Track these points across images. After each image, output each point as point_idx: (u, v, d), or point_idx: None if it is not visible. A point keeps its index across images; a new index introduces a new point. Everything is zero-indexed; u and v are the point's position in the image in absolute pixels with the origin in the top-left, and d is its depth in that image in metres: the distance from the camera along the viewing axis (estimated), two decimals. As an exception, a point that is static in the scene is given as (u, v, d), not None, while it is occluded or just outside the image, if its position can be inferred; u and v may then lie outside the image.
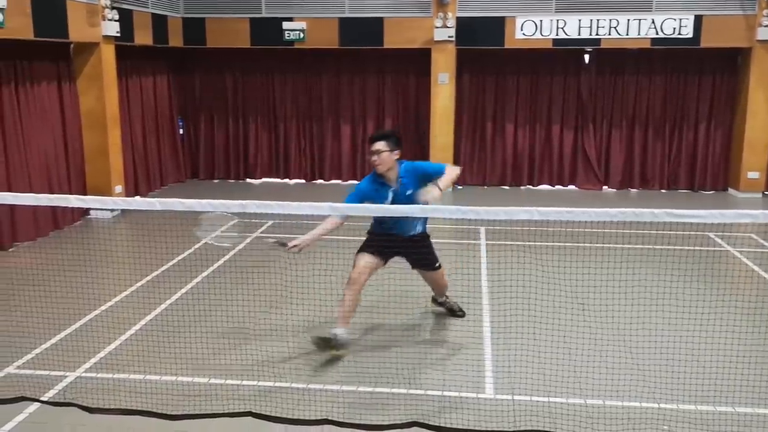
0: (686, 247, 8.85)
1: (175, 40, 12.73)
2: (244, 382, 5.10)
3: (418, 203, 5.15)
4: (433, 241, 6.07)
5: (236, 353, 5.55)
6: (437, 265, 6.01)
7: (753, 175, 12.56)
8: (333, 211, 3.49)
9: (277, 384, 5.07)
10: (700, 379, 5.00)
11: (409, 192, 5.47)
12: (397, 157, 5.56)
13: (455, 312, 6.51)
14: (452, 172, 5.58)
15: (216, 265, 8.06)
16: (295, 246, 5.42)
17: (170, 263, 8.07)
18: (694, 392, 4.88)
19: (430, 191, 5.25)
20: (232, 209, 3.66)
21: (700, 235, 9.29)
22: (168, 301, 6.84)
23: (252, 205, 3.55)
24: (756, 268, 8.09)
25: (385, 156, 5.48)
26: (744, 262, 8.38)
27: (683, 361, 5.33)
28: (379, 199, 5.53)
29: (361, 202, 5.56)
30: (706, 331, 6.01)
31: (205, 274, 7.76)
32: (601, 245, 8.35)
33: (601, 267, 7.90)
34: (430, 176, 5.50)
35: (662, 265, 8.13)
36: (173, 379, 5.15)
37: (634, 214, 3.28)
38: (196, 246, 8.80)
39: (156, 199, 3.68)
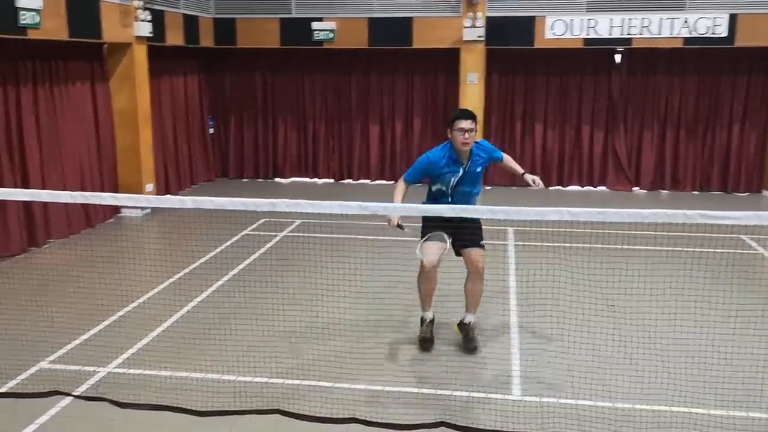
0: (718, 250, 8.71)
1: (206, 40, 12.87)
2: (272, 380, 5.14)
3: (479, 177, 5.74)
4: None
5: (264, 351, 5.59)
6: (482, 243, 5.92)
7: (788, 176, 12.32)
8: (362, 210, 3.50)
9: (305, 382, 5.10)
10: (732, 383, 4.91)
11: (478, 170, 5.69)
12: (470, 143, 5.62)
13: (469, 345, 5.78)
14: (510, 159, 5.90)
15: (245, 263, 8.13)
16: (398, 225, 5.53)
17: (200, 261, 8.16)
18: (725, 397, 4.80)
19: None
20: (263, 207, 3.68)
21: (733, 238, 9.13)
22: (197, 299, 6.92)
23: (282, 204, 3.58)
24: (791, 271, 7.93)
25: (473, 135, 5.61)
26: (778, 266, 8.22)
27: (714, 365, 5.24)
28: (449, 174, 5.65)
29: (425, 174, 5.75)
30: (737, 334, 5.91)
31: (234, 272, 7.83)
32: (631, 247, 8.25)
33: (632, 269, 7.82)
34: (495, 159, 5.86)
35: (693, 267, 7.99)
36: (202, 376, 5.20)
37: (666, 215, 3.23)
38: (225, 244, 8.89)
39: (188, 197, 3.72)
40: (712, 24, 11.87)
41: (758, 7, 11.81)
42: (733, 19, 11.82)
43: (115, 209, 10.67)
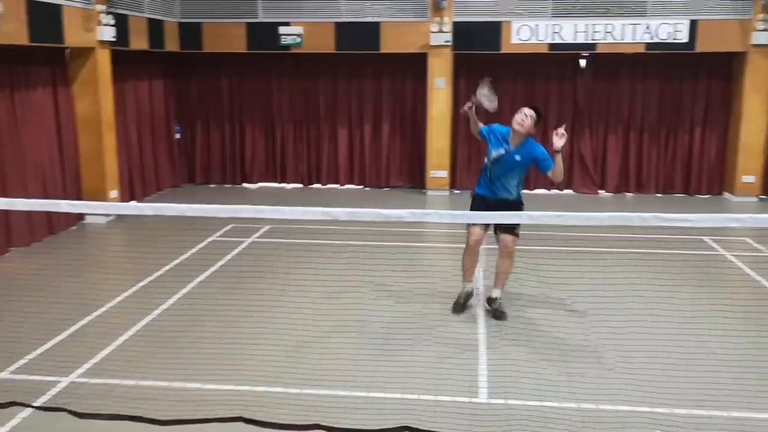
0: (681, 251, 8.87)
1: (171, 44, 12.75)
2: (237, 388, 5.09)
3: (517, 167, 6.26)
4: (429, 244, 6.08)
5: (230, 359, 5.54)
6: (517, 231, 6.31)
7: (748, 179, 12.57)
8: (325, 216, 3.49)
9: (271, 389, 5.06)
10: (694, 383, 4.99)
11: (516, 158, 6.25)
12: (532, 132, 6.26)
13: (500, 317, 6.51)
14: (559, 170, 6.13)
15: (212, 270, 8.05)
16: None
17: (165, 268, 8.06)
18: (687, 396, 4.88)
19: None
20: (224, 214, 3.65)
21: (695, 239, 9.31)
22: (162, 307, 6.83)
23: (244, 210, 3.55)
24: (750, 271, 8.09)
25: (529, 122, 6.23)
26: (738, 266, 8.38)
27: (677, 364, 5.33)
28: (495, 146, 6.36)
29: (489, 134, 6.47)
30: (699, 334, 6.03)
31: (200, 278, 7.75)
32: (597, 249, 8.36)
33: (596, 271, 7.92)
34: (538, 161, 6.24)
35: (657, 269, 8.16)
36: (166, 385, 5.14)
37: (623, 218, 3.28)
38: (192, 251, 8.80)
39: (147, 204, 3.67)
40: (673, 30, 12.10)
41: (717, 13, 12.06)
42: (693, 25, 12.06)
43: (79, 216, 10.49)
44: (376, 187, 13.89)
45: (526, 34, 12.40)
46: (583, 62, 13.12)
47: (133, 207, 3.82)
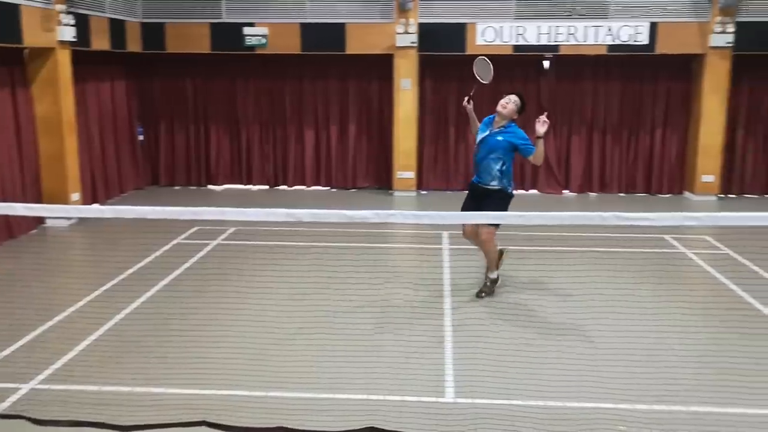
0: (643, 250, 9.02)
1: (134, 45, 12.57)
2: (202, 392, 5.04)
3: (498, 149, 6.66)
4: (396, 245, 6.10)
5: (194, 362, 5.48)
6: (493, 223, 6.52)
7: (707, 178, 12.85)
8: (289, 217, 3.48)
9: (236, 392, 5.02)
10: (655, 378, 5.09)
11: (498, 138, 6.70)
12: (514, 117, 6.75)
13: (479, 292, 7.05)
14: (540, 154, 6.54)
15: (176, 273, 7.95)
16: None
17: (129, 272, 7.94)
18: (648, 392, 4.97)
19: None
20: (185, 216, 3.62)
21: (656, 238, 9.48)
22: (125, 311, 6.73)
23: (205, 212, 3.52)
24: (709, 269, 8.27)
25: (512, 105, 6.75)
26: (698, 264, 8.56)
27: (638, 361, 5.43)
28: (481, 131, 6.92)
29: (479, 133, 6.97)
30: (660, 331, 6.14)
31: (164, 282, 7.65)
32: (560, 248, 8.46)
33: (560, 270, 8.03)
34: (519, 145, 6.63)
35: (619, 267, 8.30)
36: (129, 390, 5.07)
37: (584, 218, 3.33)
38: (156, 254, 8.69)
39: (107, 206, 3.62)
40: (633, 32, 12.31)
41: (676, 16, 12.31)
42: (653, 27, 12.29)
43: (39, 220, 10.29)
44: (342, 189, 13.87)
45: (491, 35, 12.51)
46: (546, 63, 13.27)
47: (93, 210, 3.76)
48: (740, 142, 13.26)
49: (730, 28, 12.09)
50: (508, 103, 6.76)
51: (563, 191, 13.71)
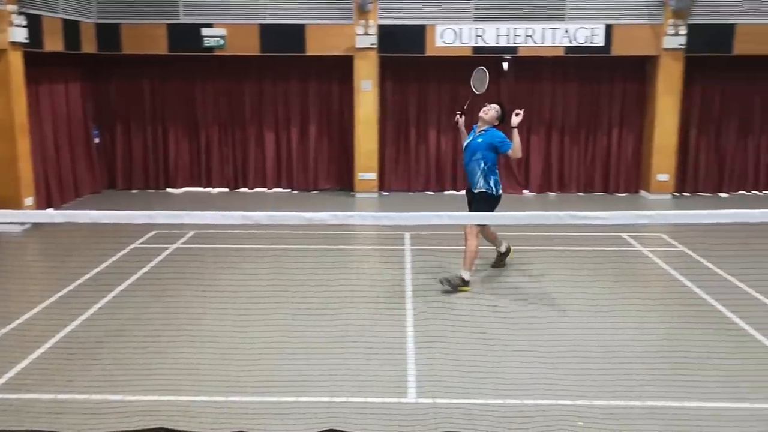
0: (600, 248, 9.18)
1: (89, 46, 12.33)
2: (161, 398, 4.97)
3: (479, 149, 7.36)
4: (358, 246, 6.08)
5: (152, 369, 5.40)
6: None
7: (662, 177, 13.13)
8: (246, 220, 3.45)
9: (196, 398, 4.96)
10: (611, 374, 5.18)
11: (479, 140, 7.44)
12: (494, 124, 7.51)
13: (445, 282, 7.32)
14: (517, 147, 7.26)
15: (133, 279, 7.82)
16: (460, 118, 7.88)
17: (85, 277, 7.79)
18: (605, 388, 5.05)
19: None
20: (139, 220, 3.56)
21: (614, 236, 9.65)
22: (82, 317, 6.59)
23: (160, 216, 3.48)
24: (665, 266, 8.45)
25: (491, 113, 7.50)
26: (654, 261, 8.74)
27: (596, 357, 5.51)
28: (470, 135, 7.64)
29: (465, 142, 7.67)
30: (617, 327, 6.26)
31: (122, 287, 7.52)
32: (520, 247, 8.55)
33: (519, 269, 8.13)
34: (497, 144, 7.33)
35: (577, 265, 8.43)
36: (85, 398, 4.97)
37: (541, 217, 3.38)
38: (113, 258, 8.54)
39: (57, 211, 3.54)
40: (590, 34, 12.52)
41: (631, 18, 12.56)
42: (609, 29, 12.52)
43: (-9, 225, 10.03)
44: (304, 191, 13.81)
45: (450, 37, 12.60)
46: (505, 65, 13.40)
47: (42, 215, 3.68)
48: (693, 142, 13.59)
49: (683, 31, 12.38)
50: (489, 110, 7.50)
51: (523, 191, 13.87)
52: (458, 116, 7.87)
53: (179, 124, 13.73)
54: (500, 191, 7.49)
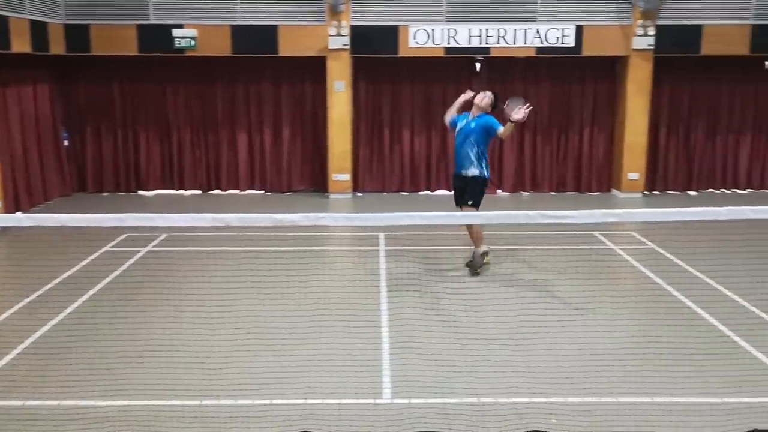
0: (573, 247, 9.27)
1: (57, 47, 12.14)
2: (131, 403, 4.91)
3: (473, 133, 7.88)
4: (332, 248, 6.07)
5: (124, 373, 5.34)
6: (471, 203, 7.87)
7: (633, 176, 13.30)
8: (216, 222, 3.42)
9: (168, 402, 4.91)
10: (585, 371, 5.23)
11: (472, 125, 7.91)
12: (488, 111, 7.98)
13: (471, 269, 7.96)
14: (507, 131, 7.75)
15: (104, 283, 7.72)
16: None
17: (55, 281, 7.67)
18: (578, 385, 5.10)
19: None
20: (108, 223, 3.51)
21: (586, 234, 9.75)
22: (51, 322, 6.49)
23: (131, 219, 3.43)
24: (636, 263, 8.56)
25: (486, 100, 8.00)
26: (625, 259, 8.85)
27: (569, 355, 5.56)
28: (459, 121, 8.13)
29: (457, 118, 8.23)
30: (589, 325, 6.32)
31: (93, 291, 7.42)
32: (493, 247, 8.59)
33: (492, 268, 8.17)
34: (489, 126, 7.83)
35: (549, 264, 8.50)
36: (56, 404, 4.89)
37: (511, 216, 3.40)
38: (84, 262, 8.43)
39: (25, 215, 3.49)
40: (561, 35, 12.64)
41: (601, 19, 12.71)
42: (579, 30, 12.64)
43: (-43, 230, 9.83)
44: (278, 192, 13.75)
45: (423, 38, 12.63)
46: (478, 66, 13.47)
47: (12, 218, 3.61)
48: (663, 141, 13.78)
49: (651, 31, 12.55)
50: (484, 97, 8.01)
51: (497, 191, 13.94)
52: (470, 94, 8.36)
53: (150, 126, 13.58)
54: (489, 174, 8.15)
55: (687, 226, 4.05)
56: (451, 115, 8.36)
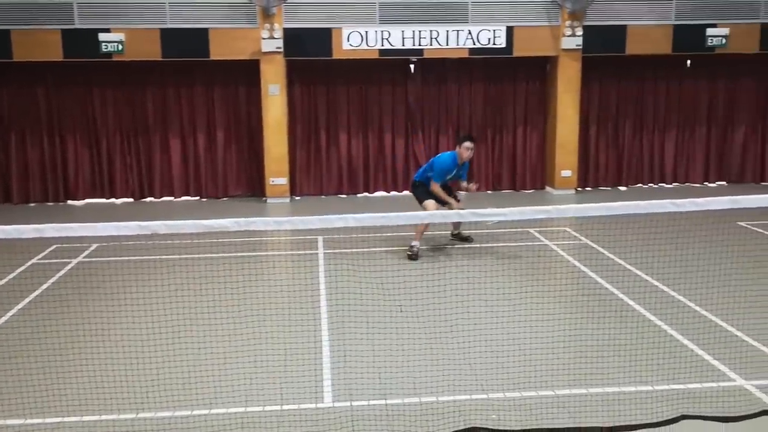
0: (508, 243, 9.42)
1: (-24, 53, 11.67)
2: (63, 419, 4.73)
3: (455, 177, 9.21)
4: (270, 253, 5.96)
5: (55, 389, 5.14)
6: (423, 204, 9.02)
7: (566, 173, 13.63)
8: (142, 230, 3.32)
9: (104, 417, 4.75)
10: (523, 366, 5.31)
11: (461, 172, 9.23)
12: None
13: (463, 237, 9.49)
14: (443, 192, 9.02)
15: (32, 296, 7.43)
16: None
17: (-22, 297, 7.34)
18: (517, 380, 5.18)
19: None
20: (27, 234, 3.37)
21: (522, 231, 9.93)
22: (-25, 340, 6.20)
23: (49, 229, 3.31)
24: (570, 258, 8.76)
25: (471, 153, 9.09)
26: (560, 254, 9.05)
27: (507, 351, 5.63)
28: (453, 169, 9.06)
29: (446, 174, 9.06)
30: (526, 320, 6.43)
31: (20, 305, 7.13)
32: (430, 245, 8.66)
33: (429, 266, 8.22)
34: (462, 174, 9.29)
35: (485, 261, 8.62)
36: (-20, 425, 4.67)
37: (442, 216, 3.42)
38: (10, 276, 8.10)
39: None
40: (492, 36, 12.86)
41: (531, 20, 12.98)
42: (510, 31, 12.89)
43: None
44: (214, 198, 13.52)
45: (357, 40, 12.64)
46: (412, 67, 13.57)
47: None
48: (593, 139, 14.17)
49: (579, 32, 12.89)
50: (472, 152, 9.17)
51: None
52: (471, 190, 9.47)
53: (78, 133, 13.18)
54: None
55: (616, 221, 4.16)
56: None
